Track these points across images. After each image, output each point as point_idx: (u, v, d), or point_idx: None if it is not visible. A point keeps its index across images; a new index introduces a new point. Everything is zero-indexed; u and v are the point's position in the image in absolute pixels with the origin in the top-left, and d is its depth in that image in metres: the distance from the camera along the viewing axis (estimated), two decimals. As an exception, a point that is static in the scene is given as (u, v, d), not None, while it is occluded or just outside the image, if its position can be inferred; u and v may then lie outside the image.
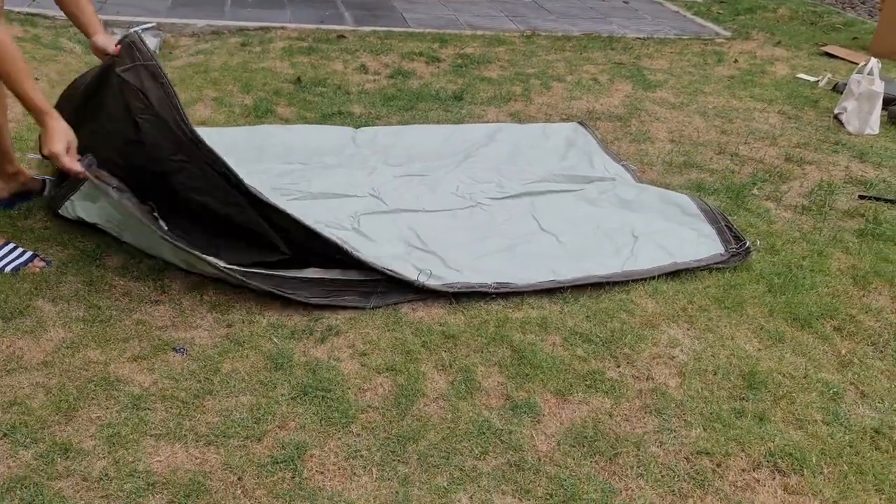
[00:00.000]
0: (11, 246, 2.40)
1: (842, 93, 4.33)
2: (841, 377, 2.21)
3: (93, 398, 1.89)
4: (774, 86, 4.83)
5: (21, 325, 2.12)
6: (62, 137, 2.12)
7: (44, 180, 2.80)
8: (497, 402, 2.01)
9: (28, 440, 1.75)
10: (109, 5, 5.24)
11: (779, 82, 4.91)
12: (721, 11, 7.01)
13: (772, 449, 1.91)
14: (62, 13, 2.42)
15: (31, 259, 2.38)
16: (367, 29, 5.41)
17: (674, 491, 1.78)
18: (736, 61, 5.34)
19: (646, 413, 2.01)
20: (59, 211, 2.56)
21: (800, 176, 3.50)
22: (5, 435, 1.76)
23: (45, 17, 4.83)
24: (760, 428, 1.98)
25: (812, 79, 5.00)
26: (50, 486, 1.65)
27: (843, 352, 2.31)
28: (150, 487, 1.67)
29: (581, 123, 3.80)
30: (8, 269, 2.33)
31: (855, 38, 6.22)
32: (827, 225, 3.06)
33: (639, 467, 1.84)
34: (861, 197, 3.30)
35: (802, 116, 4.29)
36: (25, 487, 1.63)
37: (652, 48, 5.56)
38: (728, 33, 6.23)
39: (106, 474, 1.69)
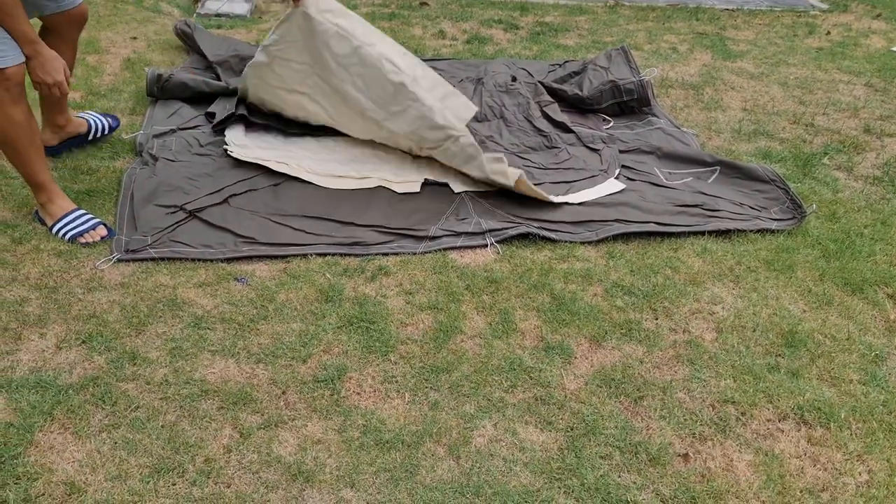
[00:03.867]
0: (81, 212, 2.42)
1: (936, 65, 4.14)
2: (886, 341, 2.18)
3: (160, 316, 2.09)
4: (866, 58, 4.64)
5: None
6: (59, 65, 2.24)
7: (88, 121, 2.87)
8: (531, 343, 2.09)
9: (102, 347, 1.96)
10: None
11: (871, 55, 4.71)
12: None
13: (801, 403, 1.93)
14: None
15: (94, 226, 2.39)
16: (450, -3, 5.49)
17: (694, 433, 1.83)
18: (828, 33, 5.14)
19: (677, 362, 2.05)
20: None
21: (877, 148, 3.39)
22: (83, 342, 1.98)
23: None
24: (792, 383, 1.99)
25: (908, 52, 4.78)
26: (118, 386, 1.85)
27: (893, 318, 2.27)
28: (204, 394, 1.84)
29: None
30: (67, 236, 2.36)
31: (965, 12, 5.86)
32: (897, 196, 2.97)
33: (662, 410, 1.89)
34: (941, 170, 3.17)
35: (891, 90, 4.12)
36: (97, 386, 1.84)
37: (740, 19, 5.42)
38: (825, 6, 5.99)
39: (166, 380, 1.88)
